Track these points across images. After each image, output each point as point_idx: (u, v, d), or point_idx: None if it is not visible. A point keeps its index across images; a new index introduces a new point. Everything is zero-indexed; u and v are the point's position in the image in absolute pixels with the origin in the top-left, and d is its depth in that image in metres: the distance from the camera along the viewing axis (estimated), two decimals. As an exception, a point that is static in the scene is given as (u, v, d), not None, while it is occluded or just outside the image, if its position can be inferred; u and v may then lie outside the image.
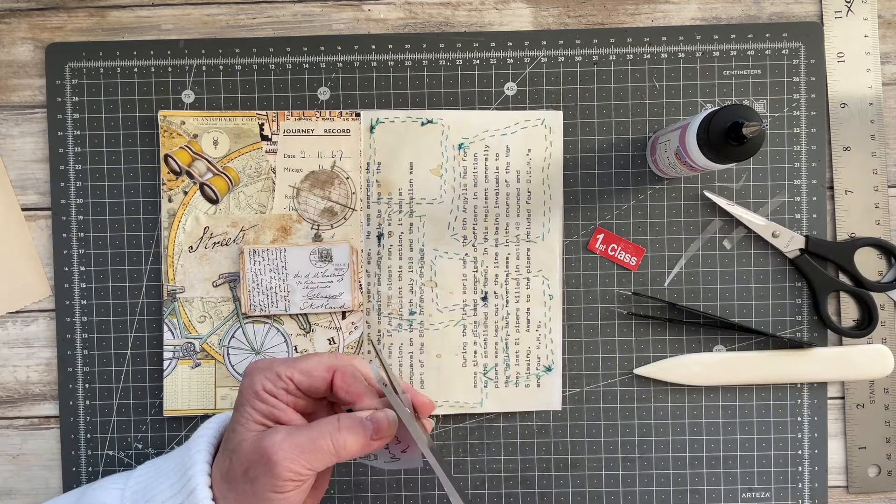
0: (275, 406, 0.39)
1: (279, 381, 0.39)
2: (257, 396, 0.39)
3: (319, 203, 0.55)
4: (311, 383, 0.40)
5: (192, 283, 0.55)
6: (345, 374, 0.40)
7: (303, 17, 0.56)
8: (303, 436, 0.37)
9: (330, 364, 0.40)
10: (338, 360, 0.41)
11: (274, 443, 0.36)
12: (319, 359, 0.40)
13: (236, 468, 0.37)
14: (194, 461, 0.39)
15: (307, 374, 0.40)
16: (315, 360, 0.40)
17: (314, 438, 0.37)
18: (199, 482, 0.37)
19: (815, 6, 0.56)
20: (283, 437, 0.37)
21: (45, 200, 0.56)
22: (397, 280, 0.55)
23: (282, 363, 0.40)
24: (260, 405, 0.39)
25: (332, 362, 0.40)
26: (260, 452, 0.36)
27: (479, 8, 0.56)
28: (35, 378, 0.56)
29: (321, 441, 0.37)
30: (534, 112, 0.55)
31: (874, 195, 0.55)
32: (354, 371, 0.41)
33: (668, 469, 0.55)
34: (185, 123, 0.54)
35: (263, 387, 0.39)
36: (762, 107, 0.55)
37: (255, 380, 0.39)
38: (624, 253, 0.55)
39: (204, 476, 0.38)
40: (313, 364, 0.40)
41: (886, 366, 0.54)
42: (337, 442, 0.38)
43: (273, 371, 0.39)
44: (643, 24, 0.56)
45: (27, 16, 0.55)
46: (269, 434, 0.37)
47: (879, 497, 0.56)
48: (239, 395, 0.40)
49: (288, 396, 0.39)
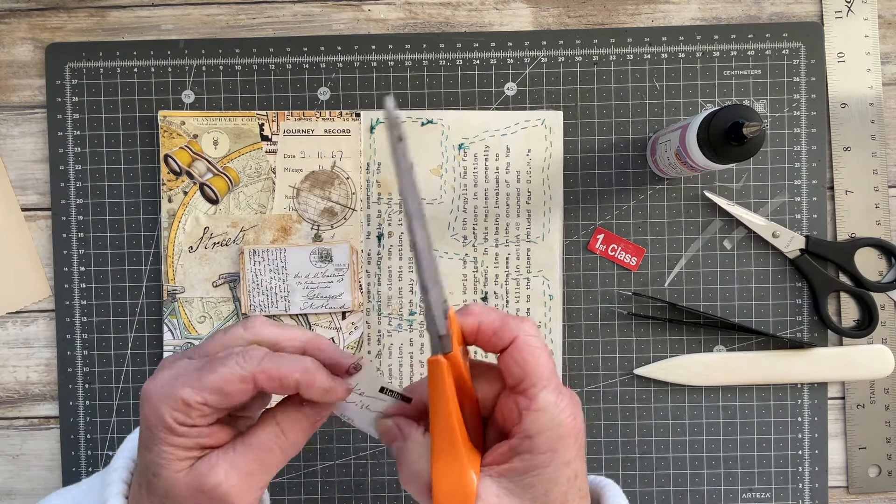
0: (197, 435, 0.32)
1: (191, 411, 0.31)
2: (171, 431, 0.31)
3: (319, 203, 0.55)
4: (229, 401, 0.31)
5: (192, 284, 0.55)
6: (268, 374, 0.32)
7: (303, 17, 0.56)
8: (247, 459, 0.32)
9: (244, 374, 0.31)
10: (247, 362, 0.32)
11: (220, 480, 0.31)
12: (229, 370, 0.31)
13: None
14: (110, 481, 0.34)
15: (221, 393, 0.31)
16: (226, 373, 0.31)
17: (261, 459, 0.32)
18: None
19: (815, 6, 0.56)
20: (227, 469, 0.31)
21: (45, 200, 0.56)
22: (397, 280, 0.55)
23: (185, 385, 0.31)
24: (177, 440, 0.31)
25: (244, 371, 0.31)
26: (207, 494, 0.31)
27: (479, 8, 0.56)
28: (35, 378, 0.56)
29: (269, 457, 0.33)
30: (534, 112, 0.55)
31: (874, 195, 0.55)
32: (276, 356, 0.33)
33: (668, 469, 0.55)
34: (185, 123, 0.54)
35: (175, 420, 0.31)
36: (762, 107, 0.55)
37: (161, 412, 0.31)
38: (624, 253, 0.55)
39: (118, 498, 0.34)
40: (225, 378, 0.31)
41: (887, 366, 0.54)
42: (286, 449, 0.33)
43: (179, 399, 0.31)
44: (643, 24, 0.56)
45: (27, 16, 0.55)
46: (208, 471, 0.31)
47: (880, 497, 0.56)
48: (144, 429, 0.32)
49: (206, 419, 0.32)
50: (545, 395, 0.31)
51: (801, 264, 0.55)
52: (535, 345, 0.32)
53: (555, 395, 0.31)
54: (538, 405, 0.31)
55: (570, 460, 0.31)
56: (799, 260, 0.55)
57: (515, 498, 0.31)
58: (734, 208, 0.54)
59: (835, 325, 0.55)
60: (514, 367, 0.31)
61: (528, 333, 0.32)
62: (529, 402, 0.31)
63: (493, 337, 0.32)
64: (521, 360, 0.31)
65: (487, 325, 0.32)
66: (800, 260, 0.55)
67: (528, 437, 0.31)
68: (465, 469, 0.31)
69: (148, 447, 0.32)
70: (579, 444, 0.32)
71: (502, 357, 0.32)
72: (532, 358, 0.31)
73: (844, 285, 0.55)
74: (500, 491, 0.31)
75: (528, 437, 0.31)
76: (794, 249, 0.55)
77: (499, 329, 0.32)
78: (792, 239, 0.55)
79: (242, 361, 0.32)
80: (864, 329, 0.55)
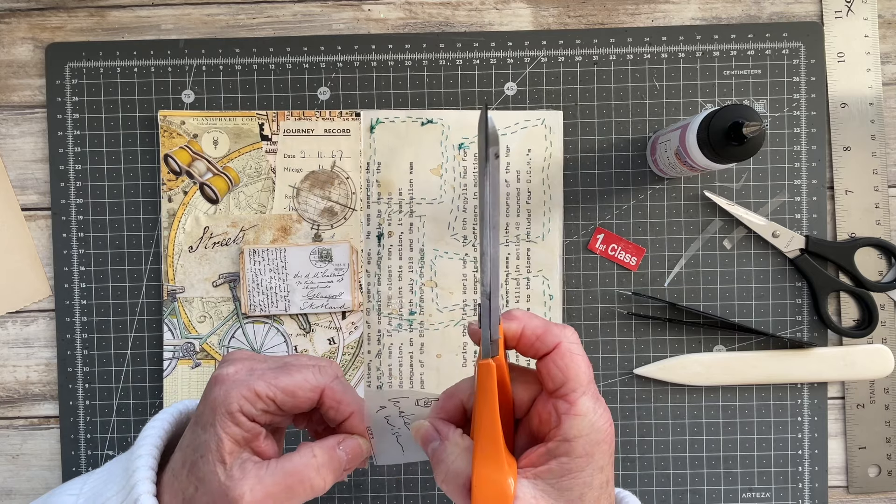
0: (250, 431, 0.34)
1: (258, 402, 0.34)
2: (232, 419, 0.33)
3: (319, 203, 0.55)
4: (294, 404, 0.35)
5: (192, 283, 0.55)
6: (334, 392, 0.36)
7: (303, 17, 0.56)
8: (275, 480, 0.33)
9: (316, 385, 0.35)
10: (322, 375, 0.36)
11: (244, 493, 0.33)
12: (304, 377, 0.35)
13: (201, 500, 0.33)
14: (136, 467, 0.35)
15: (291, 395, 0.35)
16: (300, 379, 0.35)
17: (288, 484, 0.34)
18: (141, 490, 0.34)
19: (815, 6, 0.56)
20: (254, 484, 0.33)
21: (45, 200, 0.56)
22: (397, 280, 0.55)
23: (260, 378, 0.34)
24: (234, 429, 0.34)
25: (318, 382, 0.36)
26: (228, 500, 0.33)
27: (479, 8, 0.56)
28: (35, 378, 0.56)
29: (296, 485, 0.34)
30: (534, 112, 0.55)
31: (874, 195, 0.55)
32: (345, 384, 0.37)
33: (668, 469, 0.55)
34: (185, 123, 0.54)
35: (241, 408, 0.34)
36: (762, 107, 0.55)
37: (230, 397, 0.34)
38: (624, 253, 0.55)
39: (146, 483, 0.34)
40: (298, 383, 0.35)
41: (886, 366, 0.54)
42: (315, 485, 0.34)
43: (252, 389, 0.34)
44: (643, 24, 0.56)
45: (27, 16, 0.55)
46: (239, 479, 0.33)
47: (879, 497, 0.56)
48: (206, 409, 0.34)
49: (266, 417, 0.35)
50: (585, 401, 0.32)
51: (801, 264, 0.55)
52: (577, 352, 0.33)
53: (593, 401, 0.33)
54: (578, 410, 0.32)
55: (603, 466, 0.33)
56: (799, 260, 0.55)
57: (551, 500, 0.32)
58: (734, 208, 0.55)
59: (835, 325, 0.55)
60: (556, 371, 0.33)
61: (570, 341, 0.33)
62: (570, 406, 0.32)
63: (537, 342, 0.33)
64: (563, 365, 0.33)
65: (531, 330, 0.34)
66: (800, 260, 0.55)
67: (567, 441, 0.32)
68: (504, 471, 0.32)
69: (204, 427, 0.34)
70: (612, 451, 0.33)
71: (543, 362, 0.33)
72: (574, 364, 0.33)
73: (844, 285, 0.55)
74: (537, 493, 0.32)
75: (567, 440, 0.32)
76: (794, 249, 0.55)
77: (542, 335, 0.33)
78: (792, 239, 0.55)
79: (318, 373, 0.36)
80: (864, 329, 0.55)
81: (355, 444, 0.36)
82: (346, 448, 0.36)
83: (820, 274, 0.54)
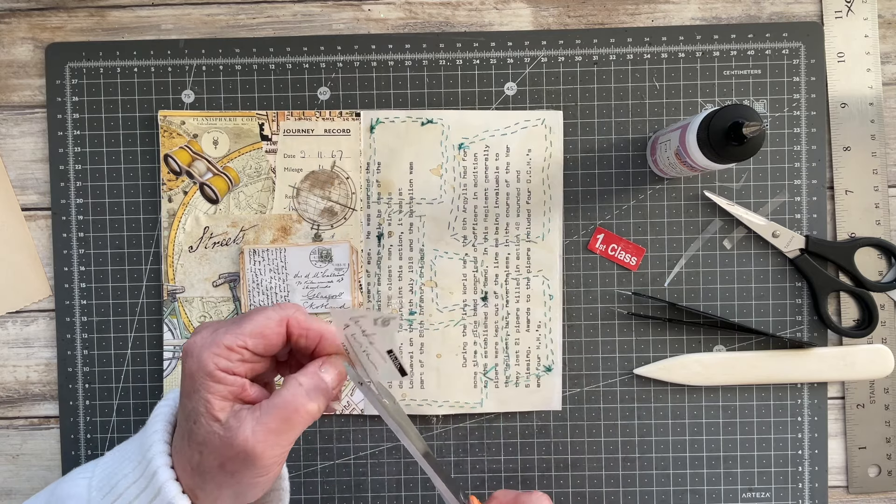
0: (234, 384, 0.35)
1: (232, 354, 0.35)
2: (212, 378, 0.34)
3: (319, 203, 0.55)
4: (266, 344, 0.36)
5: (192, 283, 0.55)
6: (299, 321, 0.37)
7: (303, 17, 0.56)
8: (272, 417, 0.34)
9: (280, 317, 0.36)
10: (284, 309, 0.37)
11: (247, 437, 0.34)
12: (266, 315, 0.36)
13: (209, 462, 0.35)
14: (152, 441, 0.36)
15: (260, 336, 0.35)
16: (262, 318, 0.36)
17: (285, 417, 0.35)
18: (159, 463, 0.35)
19: (815, 6, 0.56)
20: (254, 426, 0.34)
21: (45, 200, 0.56)
22: (397, 280, 0.55)
23: (226, 332, 0.35)
24: (218, 387, 0.34)
25: (281, 315, 0.36)
26: (235, 449, 0.34)
27: (479, 8, 0.56)
28: (35, 378, 0.56)
29: (293, 415, 0.35)
30: (534, 112, 0.55)
31: (874, 195, 0.55)
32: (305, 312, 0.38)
33: (668, 469, 0.55)
34: (185, 123, 0.54)
35: (217, 365, 0.34)
36: (762, 107, 0.55)
37: (203, 359, 0.34)
38: (624, 253, 0.55)
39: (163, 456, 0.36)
40: (263, 323, 0.36)
41: (886, 366, 0.54)
42: (309, 409, 0.35)
43: (221, 345, 0.35)
44: (643, 24, 0.56)
45: (27, 16, 0.55)
46: (237, 426, 0.34)
47: (879, 497, 0.56)
48: (186, 379, 0.35)
49: (245, 366, 0.36)
50: None
51: (800, 264, 0.55)
52: None
53: None
54: None
55: None
56: (799, 260, 0.55)
57: None
58: (734, 208, 0.55)
59: (835, 325, 0.55)
60: None
61: None
62: None
63: None
64: None
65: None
66: (800, 260, 0.55)
67: None
68: None
69: (189, 395, 0.35)
70: None
71: None
72: None
73: (844, 285, 0.55)
74: None
75: None
76: (794, 249, 0.55)
77: None
78: (792, 239, 0.55)
79: (278, 308, 0.37)
80: (864, 329, 0.55)
81: (334, 362, 0.37)
82: (327, 369, 0.37)
83: (820, 274, 0.55)
